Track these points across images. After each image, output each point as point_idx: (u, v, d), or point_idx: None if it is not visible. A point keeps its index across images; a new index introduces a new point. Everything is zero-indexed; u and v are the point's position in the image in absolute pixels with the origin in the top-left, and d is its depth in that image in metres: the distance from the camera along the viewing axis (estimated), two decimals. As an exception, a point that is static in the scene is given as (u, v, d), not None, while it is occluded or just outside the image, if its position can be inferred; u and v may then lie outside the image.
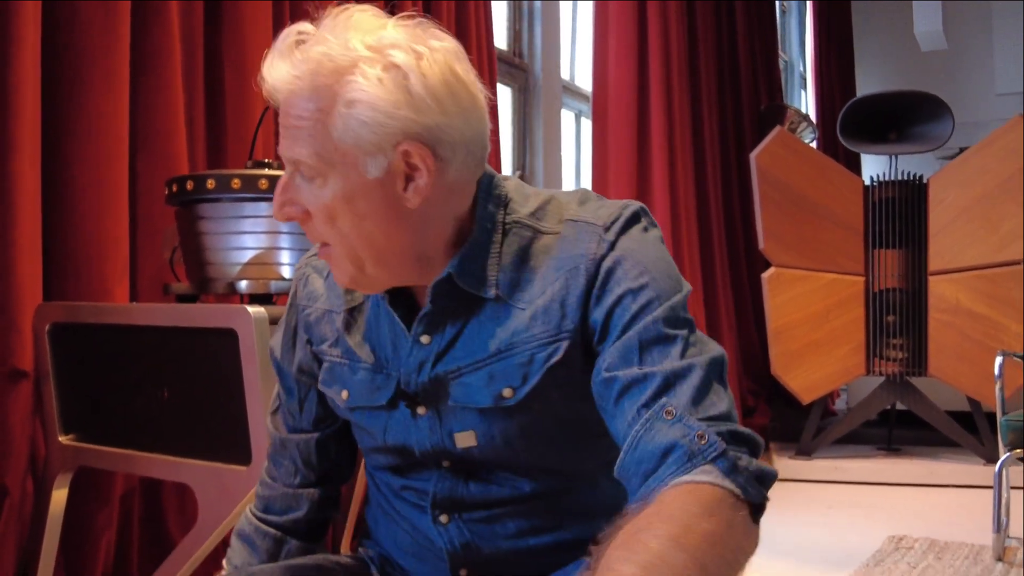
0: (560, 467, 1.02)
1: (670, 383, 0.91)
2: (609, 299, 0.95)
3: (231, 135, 2.18)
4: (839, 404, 5.74)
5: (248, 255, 1.70)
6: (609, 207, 1.01)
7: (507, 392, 0.97)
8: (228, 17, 2.19)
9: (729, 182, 4.90)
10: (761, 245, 3.98)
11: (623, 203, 1.02)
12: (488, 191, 1.00)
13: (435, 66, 0.92)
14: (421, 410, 1.01)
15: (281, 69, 0.92)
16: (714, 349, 0.95)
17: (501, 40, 3.71)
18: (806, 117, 5.25)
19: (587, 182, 3.97)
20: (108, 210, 1.90)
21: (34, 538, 1.75)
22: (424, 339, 1.00)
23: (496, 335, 0.98)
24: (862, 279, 4.06)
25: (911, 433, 4.38)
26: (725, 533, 0.83)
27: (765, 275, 3.97)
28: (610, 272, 0.96)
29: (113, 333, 1.68)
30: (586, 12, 4.08)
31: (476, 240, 0.98)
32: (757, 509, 0.87)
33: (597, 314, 0.96)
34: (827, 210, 4.02)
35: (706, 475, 0.86)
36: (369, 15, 0.94)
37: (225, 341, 1.49)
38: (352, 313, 1.06)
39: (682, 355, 0.92)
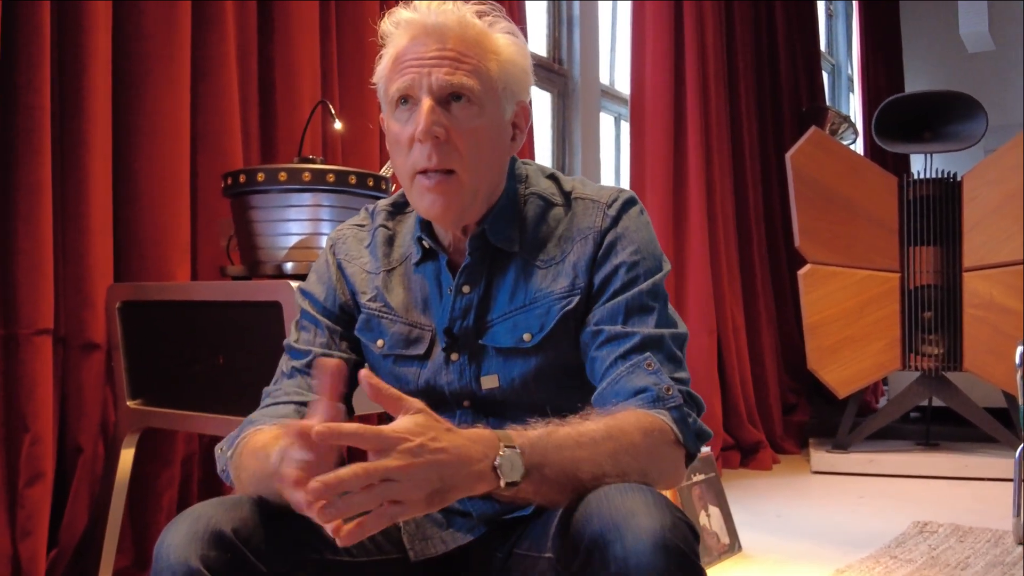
0: (562, 406, 1.19)
1: (646, 344, 1.13)
2: (607, 267, 1.17)
3: (281, 134, 2.38)
4: (882, 403, 5.77)
5: (292, 240, 1.89)
6: (607, 189, 1.24)
7: (527, 336, 1.17)
8: (279, 27, 2.39)
9: (769, 183, 5.00)
10: (796, 242, 4.08)
11: (618, 188, 1.25)
12: (512, 169, 1.24)
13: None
14: (454, 356, 1.20)
15: (435, 15, 1.12)
16: (681, 327, 1.19)
17: (540, 47, 3.88)
18: (847, 119, 5.32)
19: (626, 184, 4.12)
20: (171, 201, 2.11)
21: (104, 494, 1.96)
22: (465, 288, 1.19)
23: (521, 290, 1.19)
24: (896, 275, 4.13)
25: (949, 429, 4.42)
26: (651, 452, 1.04)
27: (801, 272, 4.07)
28: (611, 245, 1.18)
29: (175, 308, 1.88)
30: (625, 18, 4.23)
31: (503, 205, 1.20)
32: (689, 457, 1.12)
33: (596, 277, 1.18)
34: (861, 208, 4.10)
35: (660, 415, 1.08)
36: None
37: (271, 312, 1.68)
38: (389, 274, 1.25)
39: (656, 324, 1.15)
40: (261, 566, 1.02)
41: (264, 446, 1.07)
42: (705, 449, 2.86)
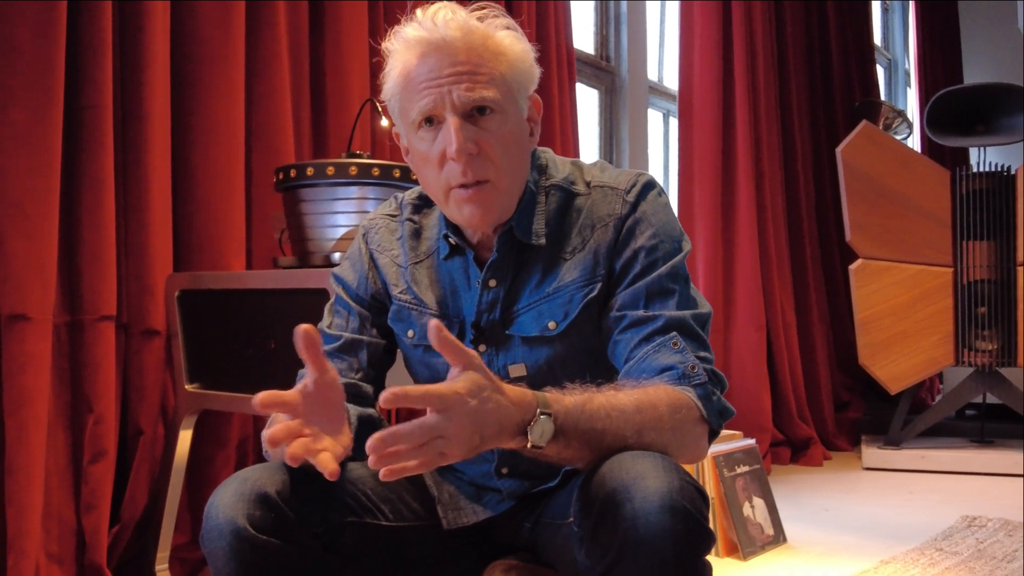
0: None
1: (670, 326, 1.16)
2: (627, 252, 1.20)
3: (332, 131, 2.47)
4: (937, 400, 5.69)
5: (340, 231, 1.97)
6: (625, 174, 1.26)
7: (551, 325, 1.21)
8: (329, 28, 2.47)
9: (821, 178, 4.97)
10: (848, 237, 4.06)
11: (636, 172, 1.26)
12: (532, 160, 1.26)
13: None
14: (482, 347, 1.24)
15: (440, 30, 1.12)
16: (703, 306, 1.21)
17: (588, 44, 3.92)
18: (901, 113, 5.26)
19: (674, 180, 4.14)
20: (227, 196, 2.20)
21: (163, 473, 2.06)
22: (492, 283, 1.23)
23: (545, 280, 1.22)
24: (949, 270, 4.08)
25: (1005, 426, 4.36)
26: (676, 427, 1.08)
27: (852, 267, 4.05)
28: (631, 230, 1.21)
29: (230, 296, 1.97)
30: (674, 14, 4.25)
31: (527, 200, 1.23)
32: (712, 434, 1.15)
33: (616, 263, 1.20)
34: (913, 202, 4.07)
35: (687, 392, 1.11)
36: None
37: (319, 299, 1.75)
38: (417, 266, 1.29)
39: (678, 306, 1.18)
40: (302, 526, 1.09)
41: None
42: (749, 441, 2.88)
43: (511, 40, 1.18)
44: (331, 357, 1.27)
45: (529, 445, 0.99)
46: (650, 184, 1.24)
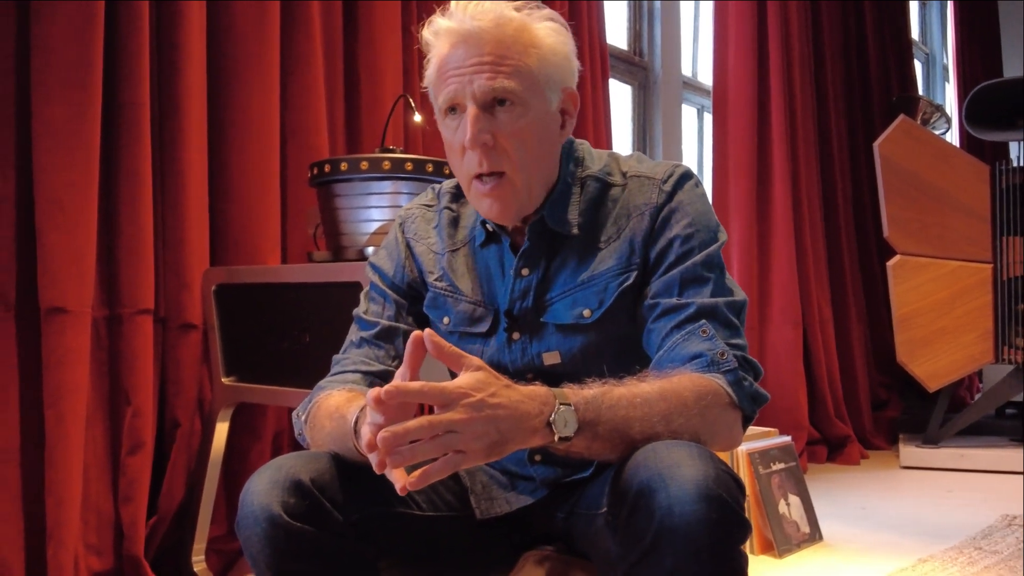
0: (623, 377, 1.24)
1: (701, 313, 1.15)
2: (662, 241, 1.20)
3: (365, 127, 2.48)
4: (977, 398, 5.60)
5: (374, 226, 1.98)
6: (662, 165, 1.26)
7: (586, 313, 1.21)
8: (363, 25, 2.49)
9: (859, 174, 4.92)
10: (886, 233, 4.01)
11: (673, 163, 1.26)
12: (568, 152, 1.26)
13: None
14: (516, 335, 1.25)
15: (470, 21, 1.14)
16: (738, 294, 1.20)
17: (621, 40, 3.91)
18: (939, 107, 5.19)
19: (708, 174, 4.11)
20: (262, 192, 2.23)
21: (200, 466, 2.08)
22: (524, 271, 1.24)
23: (580, 269, 1.22)
24: (989, 266, 4.02)
25: (1048, 425, 4.29)
26: (704, 413, 1.07)
27: (890, 263, 4.00)
28: (666, 219, 1.21)
29: (265, 290, 1.99)
30: (708, 9, 4.23)
31: (560, 190, 1.23)
32: (746, 420, 1.15)
33: (652, 251, 1.20)
34: (952, 198, 4.02)
35: (715, 379, 1.11)
36: None
37: (353, 292, 1.76)
38: (454, 254, 1.30)
39: (712, 294, 1.17)
40: (336, 514, 1.10)
41: (337, 408, 1.15)
42: (785, 438, 2.85)
43: (547, 32, 1.18)
44: (367, 344, 1.28)
45: (556, 438, 0.99)
46: (687, 175, 1.24)
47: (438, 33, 1.17)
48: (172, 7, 2.06)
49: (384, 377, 1.25)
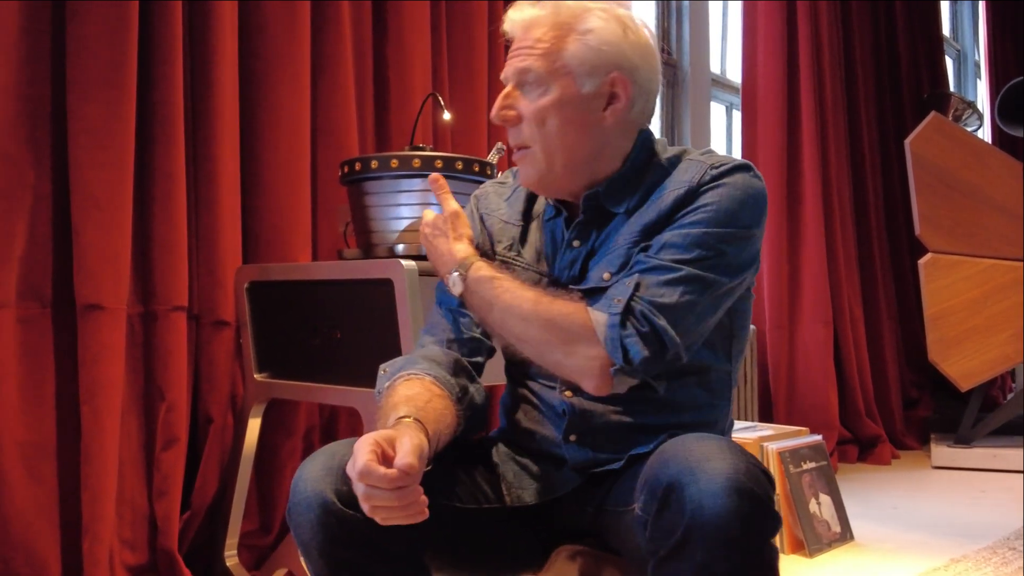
0: None
1: (650, 268, 1.18)
2: (688, 207, 1.21)
3: (395, 125, 2.50)
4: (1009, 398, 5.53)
5: (404, 223, 1.99)
6: (725, 157, 1.26)
7: (606, 276, 1.24)
8: (392, 25, 2.50)
9: (890, 172, 4.87)
10: (917, 231, 3.98)
11: (740, 158, 1.26)
12: (644, 143, 1.29)
13: (644, 29, 1.26)
14: None
15: (529, 11, 1.25)
16: (704, 301, 1.19)
17: (649, 38, 3.90)
18: (971, 104, 5.13)
19: (737, 172, 4.09)
20: (294, 190, 2.25)
21: (233, 461, 2.10)
22: (575, 243, 1.29)
23: (617, 238, 1.25)
24: (1022, 264, 3.98)
25: (1084, 425, 4.23)
26: (561, 334, 1.17)
27: (921, 261, 3.96)
28: (702, 193, 1.21)
29: (297, 288, 2.01)
30: (737, 6, 4.21)
31: (624, 173, 1.27)
32: (621, 371, 1.15)
33: (677, 216, 1.21)
34: (984, 195, 3.97)
35: (595, 314, 1.17)
36: None
37: (384, 289, 1.79)
38: (527, 226, 1.36)
39: (675, 260, 1.18)
40: None
41: (394, 406, 1.14)
42: (816, 437, 2.84)
43: (601, 19, 1.22)
44: (457, 313, 1.33)
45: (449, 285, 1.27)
46: (744, 166, 1.23)
47: (505, 22, 1.28)
48: (205, 7, 2.09)
49: (469, 345, 1.32)
